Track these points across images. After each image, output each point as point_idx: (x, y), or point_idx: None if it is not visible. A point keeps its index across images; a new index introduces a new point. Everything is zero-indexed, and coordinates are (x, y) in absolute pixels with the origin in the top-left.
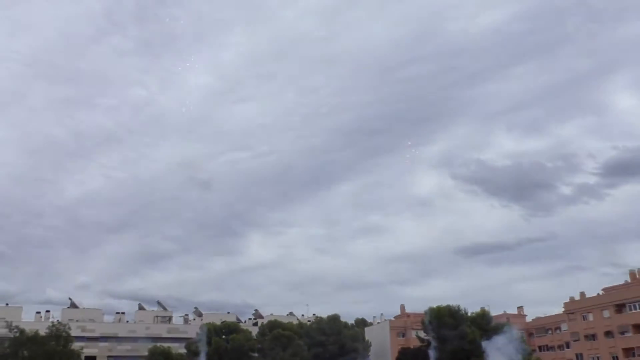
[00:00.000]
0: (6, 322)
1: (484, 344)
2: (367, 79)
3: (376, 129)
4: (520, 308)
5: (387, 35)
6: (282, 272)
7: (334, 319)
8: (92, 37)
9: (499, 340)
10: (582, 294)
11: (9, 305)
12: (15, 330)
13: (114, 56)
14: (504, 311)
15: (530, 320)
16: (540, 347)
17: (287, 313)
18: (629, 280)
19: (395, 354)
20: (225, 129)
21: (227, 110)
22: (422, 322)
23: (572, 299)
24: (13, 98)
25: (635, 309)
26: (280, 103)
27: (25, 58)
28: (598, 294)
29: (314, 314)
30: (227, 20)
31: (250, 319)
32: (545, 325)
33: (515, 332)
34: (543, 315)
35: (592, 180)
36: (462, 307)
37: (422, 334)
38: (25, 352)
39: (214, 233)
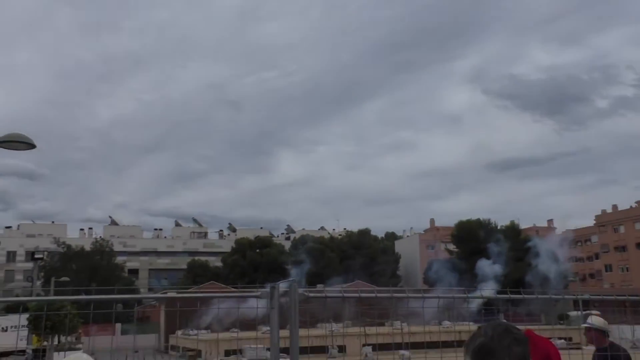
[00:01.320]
0: (54, 238)
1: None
2: None
3: (406, 43)
4: (550, 221)
5: None
6: (313, 188)
7: (365, 232)
8: None
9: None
10: (615, 206)
11: (55, 222)
12: (62, 245)
13: None
14: (534, 224)
15: (560, 233)
16: (568, 259)
17: (319, 227)
18: None
19: (425, 266)
20: (252, 49)
21: (253, 29)
22: (452, 235)
23: (604, 211)
24: (40, 22)
25: None
26: (308, 20)
27: None
28: (631, 206)
29: (344, 228)
30: None
31: (282, 233)
32: (575, 238)
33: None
34: (573, 229)
35: (630, 92)
36: (492, 220)
37: (451, 247)
38: (74, 266)
39: (245, 152)
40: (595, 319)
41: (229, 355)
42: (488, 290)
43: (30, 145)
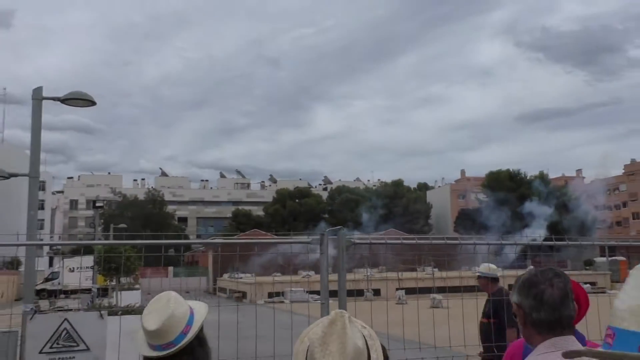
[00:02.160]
0: (111, 188)
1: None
2: None
3: None
4: (579, 171)
5: None
6: (349, 141)
7: (398, 183)
8: None
9: (595, 185)
10: None
11: (111, 173)
12: (119, 195)
13: None
14: (563, 174)
15: (589, 182)
16: (596, 207)
17: (354, 179)
18: None
19: (456, 215)
20: (290, 6)
21: None
22: (483, 185)
23: (633, 161)
24: None
25: None
26: None
27: None
28: None
29: (379, 179)
30: None
31: (320, 184)
32: (602, 187)
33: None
34: (602, 178)
35: None
36: (522, 171)
37: (481, 196)
38: (129, 214)
39: (284, 107)
40: (486, 267)
41: (272, 297)
42: (525, 238)
43: (91, 102)
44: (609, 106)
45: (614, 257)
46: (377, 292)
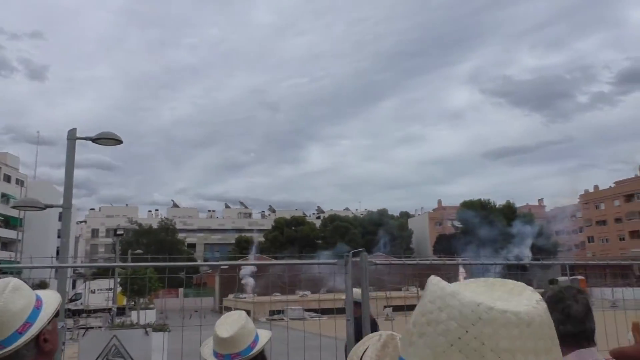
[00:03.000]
0: (128, 218)
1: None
2: (406, 8)
3: (415, 52)
4: (540, 200)
5: None
6: (338, 175)
7: (383, 212)
8: None
9: (560, 211)
10: (596, 187)
11: (128, 205)
12: (135, 224)
13: (193, 1)
14: (527, 203)
15: (549, 210)
16: (556, 232)
17: (344, 208)
18: (639, 174)
19: (434, 240)
20: (287, 59)
21: (287, 43)
22: (458, 213)
23: (586, 191)
24: (113, 42)
25: None
26: (332, 34)
27: (119, 8)
28: (610, 186)
29: (365, 209)
30: None
31: (313, 213)
32: (562, 214)
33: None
34: (560, 206)
35: (606, 88)
36: (491, 200)
37: (456, 223)
38: (144, 241)
39: (281, 146)
40: (355, 292)
41: (273, 314)
42: (511, 257)
43: (118, 141)
44: (563, 144)
45: (574, 277)
46: None
